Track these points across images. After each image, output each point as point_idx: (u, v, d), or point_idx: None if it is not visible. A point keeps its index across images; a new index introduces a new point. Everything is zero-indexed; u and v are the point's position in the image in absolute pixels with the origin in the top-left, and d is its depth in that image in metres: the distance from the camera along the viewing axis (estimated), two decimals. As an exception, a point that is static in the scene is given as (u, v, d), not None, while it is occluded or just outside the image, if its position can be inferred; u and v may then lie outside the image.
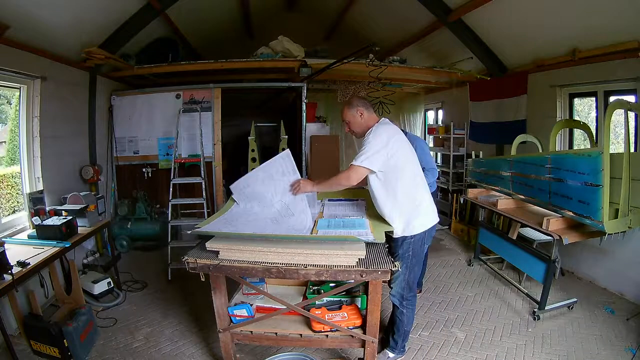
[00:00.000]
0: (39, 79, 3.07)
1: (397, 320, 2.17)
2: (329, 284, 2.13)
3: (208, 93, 4.40)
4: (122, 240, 4.14)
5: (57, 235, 2.43)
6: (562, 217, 2.63)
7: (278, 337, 1.99)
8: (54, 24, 2.97)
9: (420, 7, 4.24)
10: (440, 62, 4.99)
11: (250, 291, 2.23)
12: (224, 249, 1.78)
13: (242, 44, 6.07)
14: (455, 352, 2.39)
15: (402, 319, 2.14)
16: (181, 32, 4.78)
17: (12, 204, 3.08)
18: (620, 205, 2.33)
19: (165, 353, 2.39)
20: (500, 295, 3.14)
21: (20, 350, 2.29)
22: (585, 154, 2.40)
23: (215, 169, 4.43)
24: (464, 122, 5.25)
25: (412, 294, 2.11)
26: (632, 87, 3.04)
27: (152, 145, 4.46)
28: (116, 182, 4.47)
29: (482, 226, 3.69)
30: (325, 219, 2.12)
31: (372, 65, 3.73)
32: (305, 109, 4.61)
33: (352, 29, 6.42)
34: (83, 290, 2.85)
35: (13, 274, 1.92)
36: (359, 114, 2.10)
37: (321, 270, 1.70)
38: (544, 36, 3.57)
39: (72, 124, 3.71)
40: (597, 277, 3.28)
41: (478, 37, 4.23)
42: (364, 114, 2.09)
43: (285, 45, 4.19)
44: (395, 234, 2.00)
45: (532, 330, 2.60)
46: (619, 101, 2.60)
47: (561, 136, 3.70)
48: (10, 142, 3.19)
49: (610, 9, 2.83)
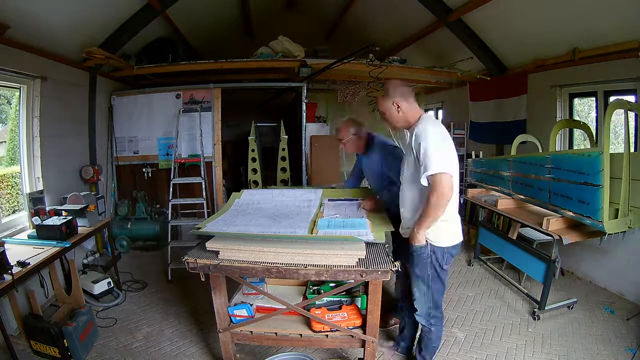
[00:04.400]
0: (39, 79, 3.07)
1: (425, 339, 2.01)
2: (329, 284, 2.12)
3: (208, 93, 4.40)
4: (122, 240, 4.14)
5: (57, 235, 2.43)
6: (562, 217, 2.63)
7: (278, 337, 1.99)
8: (54, 24, 2.97)
9: (420, 7, 4.24)
10: (440, 62, 4.99)
11: (250, 291, 2.23)
12: (224, 249, 1.78)
13: (242, 44, 6.07)
14: (455, 352, 2.39)
15: (431, 337, 1.98)
16: (181, 32, 4.79)
17: (12, 204, 3.08)
18: (620, 205, 2.33)
19: (165, 353, 2.39)
20: (500, 295, 3.14)
21: (20, 350, 2.29)
22: (585, 154, 2.40)
23: (215, 169, 4.44)
24: (464, 122, 5.25)
25: (439, 311, 1.93)
26: (632, 87, 3.04)
27: (152, 145, 4.46)
28: (116, 182, 4.47)
29: (482, 226, 3.69)
30: (326, 219, 2.12)
31: (372, 65, 3.72)
32: (305, 109, 4.61)
33: (352, 29, 6.42)
34: (83, 290, 2.85)
35: (13, 274, 1.91)
36: (395, 107, 1.79)
37: (321, 270, 1.70)
38: (544, 36, 3.57)
39: (72, 124, 3.71)
40: (597, 277, 3.28)
41: (478, 37, 4.23)
42: (401, 106, 1.78)
43: (285, 45, 4.19)
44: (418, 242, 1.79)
45: (532, 330, 2.60)
46: (619, 101, 2.60)
47: (561, 136, 3.70)
48: (10, 142, 3.19)
49: (610, 9, 2.83)
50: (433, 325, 1.94)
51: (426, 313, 1.91)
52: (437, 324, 1.95)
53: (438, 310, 1.93)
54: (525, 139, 3.62)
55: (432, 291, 1.86)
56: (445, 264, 1.83)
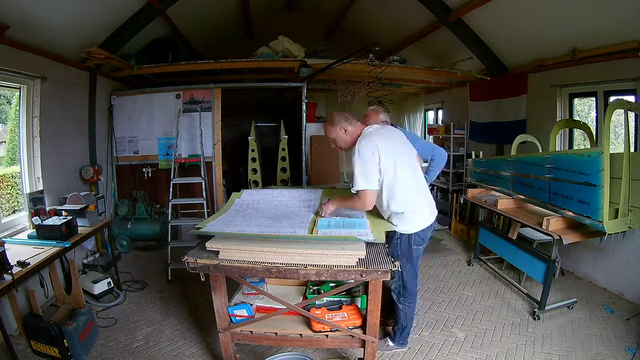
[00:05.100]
0: (39, 79, 3.07)
1: (396, 314, 2.27)
2: (329, 284, 2.12)
3: (208, 93, 4.40)
4: (122, 240, 4.14)
5: (57, 235, 2.43)
6: (562, 217, 2.63)
7: (278, 337, 1.99)
8: (54, 24, 2.97)
9: (421, 7, 4.24)
10: (440, 62, 4.99)
11: (250, 291, 2.23)
12: (224, 249, 1.78)
13: (242, 44, 6.06)
14: (455, 352, 2.39)
15: (399, 314, 2.23)
16: (181, 32, 4.79)
17: (12, 204, 3.08)
18: (620, 205, 2.33)
19: (165, 353, 2.39)
20: (500, 295, 3.14)
21: (20, 350, 2.29)
22: (585, 154, 2.40)
23: (215, 169, 4.44)
24: (464, 122, 5.25)
25: (408, 292, 2.17)
26: (632, 87, 3.04)
27: (152, 145, 4.46)
28: (116, 182, 4.47)
29: (482, 226, 3.69)
30: (326, 219, 2.12)
31: (372, 65, 3.72)
32: (305, 109, 4.61)
33: (352, 29, 6.42)
34: (83, 290, 2.85)
35: (13, 274, 1.92)
36: (342, 131, 2.08)
37: (321, 270, 1.70)
38: (544, 36, 3.57)
39: (72, 124, 3.71)
40: (597, 277, 3.28)
41: (478, 37, 4.23)
42: (348, 129, 2.08)
43: (285, 45, 4.19)
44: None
45: (532, 330, 2.60)
46: (619, 101, 2.60)
47: (561, 136, 3.70)
48: (10, 142, 3.19)
49: (611, 9, 2.83)
50: (402, 303, 2.19)
51: (398, 290, 2.18)
52: (406, 303, 2.19)
53: (406, 291, 2.17)
54: (525, 139, 3.62)
55: (402, 271, 2.08)
56: (414, 245, 2.07)
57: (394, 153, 1.99)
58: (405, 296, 2.17)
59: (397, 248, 2.06)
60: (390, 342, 2.34)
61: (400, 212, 2.01)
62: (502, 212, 3.21)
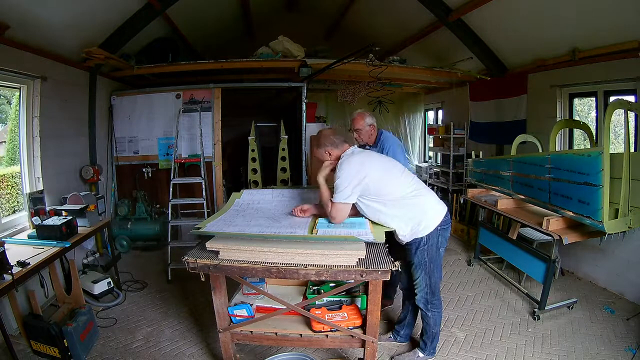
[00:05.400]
0: (39, 79, 3.07)
1: (424, 323, 2.21)
2: (329, 284, 2.12)
3: (208, 93, 4.40)
4: (122, 240, 4.14)
5: (57, 235, 2.43)
6: (562, 217, 2.63)
7: (278, 337, 1.99)
8: (54, 23, 2.97)
9: (420, 7, 4.24)
10: (440, 62, 4.99)
11: (250, 291, 2.23)
12: (224, 249, 1.78)
13: (242, 44, 6.06)
14: (455, 352, 2.39)
15: (429, 322, 2.17)
16: (181, 32, 4.79)
17: (12, 204, 3.08)
18: (620, 205, 2.33)
19: (165, 353, 2.39)
20: (500, 295, 3.14)
21: (20, 350, 2.29)
22: (585, 154, 2.40)
23: (215, 169, 4.44)
24: (464, 122, 5.25)
25: (436, 297, 2.12)
26: (632, 87, 3.04)
27: (152, 145, 4.46)
28: (116, 182, 4.47)
29: (482, 226, 3.69)
30: (326, 219, 2.12)
31: (372, 65, 3.72)
32: (305, 109, 4.61)
33: (352, 28, 6.42)
34: (83, 290, 2.85)
35: (13, 274, 1.91)
36: (327, 154, 2.14)
37: (321, 270, 1.70)
38: (544, 36, 3.57)
39: (72, 124, 3.71)
40: (597, 277, 3.28)
41: (478, 37, 4.23)
42: (332, 153, 2.13)
43: (285, 45, 4.19)
44: (404, 238, 2.01)
45: (532, 330, 2.60)
46: (619, 101, 2.60)
47: (561, 136, 3.70)
48: (10, 142, 3.19)
49: (610, 9, 2.83)
50: (431, 311, 2.13)
51: (425, 299, 2.11)
52: (434, 309, 2.13)
53: (435, 296, 2.11)
54: (525, 139, 3.62)
55: (429, 278, 2.06)
56: (441, 247, 2.05)
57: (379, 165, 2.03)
58: (433, 302, 2.12)
59: (425, 255, 2.01)
60: (421, 354, 2.27)
61: (410, 220, 1.98)
62: (502, 212, 3.21)
